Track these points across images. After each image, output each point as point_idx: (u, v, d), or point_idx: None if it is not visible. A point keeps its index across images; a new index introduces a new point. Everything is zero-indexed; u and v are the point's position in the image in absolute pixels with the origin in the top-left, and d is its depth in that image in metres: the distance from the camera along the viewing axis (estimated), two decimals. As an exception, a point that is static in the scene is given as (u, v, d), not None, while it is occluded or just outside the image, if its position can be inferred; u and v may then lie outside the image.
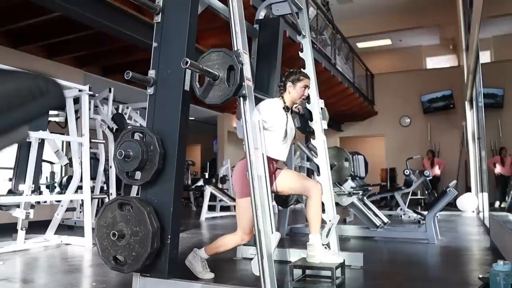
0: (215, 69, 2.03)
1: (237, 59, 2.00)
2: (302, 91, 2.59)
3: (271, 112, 2.47)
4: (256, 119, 2.07)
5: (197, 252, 2.61)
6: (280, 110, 2.53)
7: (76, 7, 4.07)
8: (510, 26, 4.31)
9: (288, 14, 3.12)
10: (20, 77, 0.53)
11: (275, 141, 2.47)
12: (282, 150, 2.52)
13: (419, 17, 12.47)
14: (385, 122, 12.59)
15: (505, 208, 4.67)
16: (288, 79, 2.59)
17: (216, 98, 2.06)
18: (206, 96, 2.08)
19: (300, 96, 2.59)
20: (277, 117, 2.48)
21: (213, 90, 2.06)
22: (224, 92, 2.03)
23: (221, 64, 2.03)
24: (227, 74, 2.02)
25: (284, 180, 2.54)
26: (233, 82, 2.00)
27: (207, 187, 7.29)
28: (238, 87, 1.99)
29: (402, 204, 6.46)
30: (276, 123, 2.47)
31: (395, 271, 3.12)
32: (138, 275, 2.18)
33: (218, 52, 2.06)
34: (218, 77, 2.03)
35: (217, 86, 2.05)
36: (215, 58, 2.06)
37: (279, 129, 2.48)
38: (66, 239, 4.17)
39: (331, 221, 2.79)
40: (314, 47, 6.47)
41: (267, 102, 2.53)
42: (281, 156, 2.53)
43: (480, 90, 5.42)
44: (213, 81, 2.04)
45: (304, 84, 2.59)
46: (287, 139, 2.54)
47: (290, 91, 2.58)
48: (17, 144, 3.55)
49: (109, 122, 5.62)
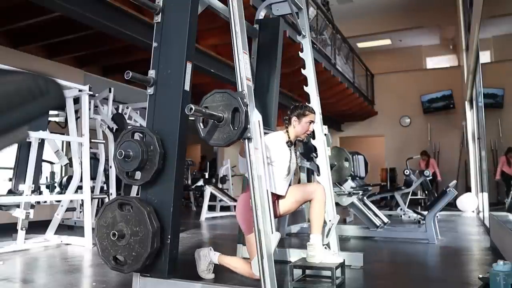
0: (219, 111, 1.98)
1: (242, 101, 1.95)
2: (307, 126, 2.56)
3: (275, 147, 2.44)
4: (256, 119, 2.07)
5: (210, 254, 2.58)
6: (283, 146, 2.51)
7: (76, 7, 4.07)
8: (510, 26, 4.30)
9: (288, 14, 3.12)
10: (20, 77, 0.53)
11: (277, 177, 2.46)
12: (283, 185, 2.51)
13: (419, 17, 12.48)
14: (385, 122, 12.59)
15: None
16: (294, 113, 2.56)
17: (220, 140, 2.01)
18: (210, 138, 2.04)
19: (305, 131, 2.57)
20: (280, 152, 2.46)
21: (217, 132, 2.02)
22: (229, 135, 1.98)
23: (226, 106, 1.99)
24: (232, 115, 1.97)
25: (285, 200, 2.54)
26: (237, 124, 1.96)
27: (207, 187, 7.29)
28: (243, 130, 1.95)
29: (402, 204, 6.46)
30: (279, 159, 2.45)
31: (395, 271, 3.12)
32: (138, 275, 2.18)
33: (222, 94, 2.01)
34: (223, 119, 1.98)
35: (221, 128, 2.00)
36: (219, 99, 2.01)
37: (282, 165, 2.46)
38: (66, 239, 4.17)
39: (331, 221, 2.79)
40: (314, 47, 6.47)
41: (271, 137, 2.50)
42: (282, 191, 2.51)
43: (480, 90, 5.42)
44: (218, 123, 2.00)
45: (309, 120, 2.56)
46: (289, 175, 2.53)
47: (295, 125, 2.55)
48: (17, 144, 3.55)
49: (109, 122, 5.62)
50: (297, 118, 2.55)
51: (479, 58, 5.51)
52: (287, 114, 2.61)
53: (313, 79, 3.00)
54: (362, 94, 11.25)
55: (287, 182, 2.55)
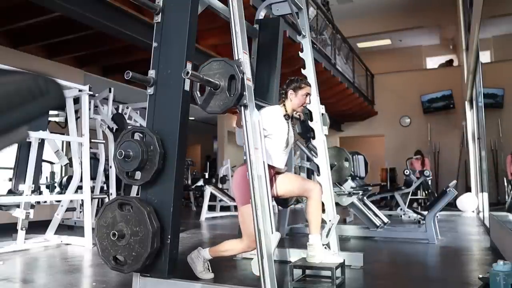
0: (216, 79, 2.02)
1: (238, 69, 1.98)
2: (304, 99, 2.58)
3: (272, 120, 2.46)
4: (256, 119, 2.07)
5: (200, 252, 2.59)
6: (281, 118, 2.52)
7: (76, 7, 4.07)
8: (510, 26, 4.30)
9: (288, 14, 3.12)
10: (20, 77, 0.53)
11: (276, 150, 2.47)
12: (282, 158, 2.53)
13: (419, 17, 12.48)
14: (385, 122, 12.59)
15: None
16: (290, 86, 2.58)
17: (216, 107, 2.04)
18: (207, 106, 2.07)
19: (301, 104, 2.59)
20: (278, 125, 2.48)
21: (214, 100, 2.05)
22: (225, 102, 2.01)
23: (222, 74, 2.02)
24: (228, 83, 2.01)
25: (283, 183, 2.55)
26: (234, 91, 1.99)
27: (207, 187, 7.29)
28: (239, 97, 1.98)
29: (402, 204, 6.46)
30: (277, 132, 2.46)
31: (395, 271, 3.12)
32: (138, 275, 2.18)
33: (219, 62, 2.04)
34: (219, 87, 2.02)
35: (218, 95, 2.03)
36: (216, 67, 2.04)
37: (280, 138, 2.47)
38: (66, 239, 4.17)
39: (331, 221, 2.79)
40: (314, 47, 6.47)
41: (268, 110, 2.52)
42: (280, 164, 2.53)
43: (480, 90, 5.42)
44: (214, 90, 2.03)
45: (305, 92, 2.58)
46: (288, 148, 2.55)
47: (291, 98, 2.57)
48: (17, 144, 3.55)
49: (109, 122, 5.62)
50: (294, 91, 2.57)
51: (479, 58, 5.52)
52: (282, 88, 2.63)
53: (313, 79, 3.00)
54: (362, 94, 11.25)
55: (286, 155, 2.56)
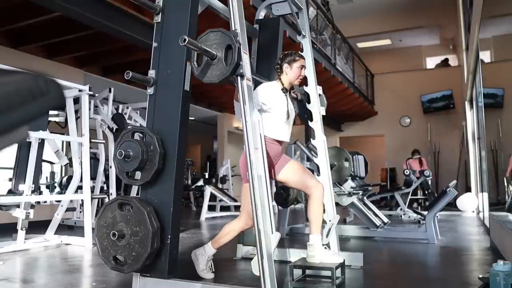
0: (213, 49, 2.05)
1: (234, 39, 2.01)
2: (299, 72, 2.61)
3: (270, 93, 2.50)
4: (256, 119, 2.07)
5: (205, 248, 2.58)
6: (278, 92, 2.56)
7: (76, 7, 4.07)
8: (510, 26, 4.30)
9: (288, 14, 3.11)
10: (20, 77, 0.53)
11: (277, 122, 2.49)
12: (285, 130, 2.54)
13: (419, 17, 12.48)
14: (385, 122, 12.59)
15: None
16: (284, 60, 2.61)
17: (213, 77, 2.08)
18: (204, 76, 2.10)
19: (297, 77, 2.61)
20: (276, 98, 2.51)
21: (210, 70, 2.08)
22: (222, 71, 2.04)
23: (219, 44, 2.05)
24: (225, 53, 2.04)
25: (286, 170, 2.54)
26: (230, 61, 2.02)
27: (207, 187, 7.29)
28: (235, 66, 2.01)
29: (402, 204, 6.46)
30: (276, 104, 2.49)
31: (395, 271, 3.12)
32: (138, 275, 2.18)
33: (216, 32, 2.07)
34: (216, 57, 2.05)
35: (214, 65, 2.06)
36: (213, 38, 2.07)
37: (280, 110, 2.50)
38: (66, 239, 4.17)
39: (331, 221, 2.79)
40: (314, 47, 6.47)
41: (264, 85, 2.56)
42: (284, 137, 2.54)
43: (480, 90, 5.42)
44: (211, 60, 2.06)
45: (300, 64, 2.61)
46: (290, 120, 2.56)
47: (287, 72, 2.60)
48: (17, 144, 3.55)
49: (109, 122, 5.62)
50: (288, 65, 2.59)
51: (479, 58, 5.51)
52: (277, 63, 2.65)
53: (313, 79, 3.00)
54: (362, 94, 11.25)
55: (289, 127, 2.58)
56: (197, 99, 9.25)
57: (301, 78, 2.65)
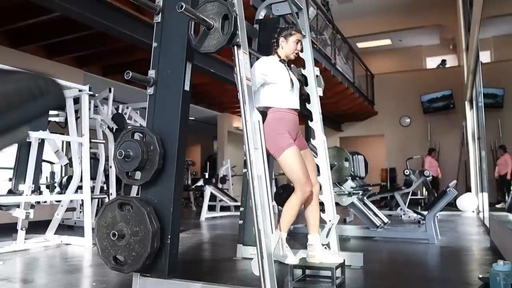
0: (210, 19, 2.06)
1: (231, 8, 2.03)
2: (295, 46, 2.62)
3: (269, 65, 2.52)
4: (256, 119, 2.07)
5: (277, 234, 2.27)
6: (277, 63, 2.58)
7: (76, 7, 4.07)
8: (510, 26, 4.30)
9: (288, 14, 3.12)
10: (20, 77, 0.53)
11: (283, 92, 2.51)
12: (293, 98, 2.56)
13: (419, 17, 12.48)
14: (385, 122, 12.59)
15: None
16: (281, 34, 2.63)
17: (210, 46, 2.08)
18: (201, 45, 2.11)
19: (293, 51, 2.63)
20: (276, 69, 2.53)
21: (207, 39, 2.09)
22: (219, 41, 2.05)
23: (216, 14, 2.06)
24: (222, 23, 2.05)
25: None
26: (227, 30, 2.03)
27: (207, 187, 7.29)
28: (232, 35, 2.02)
29: (402, 204, 6.46)
30: (278, 75, 2.51)
31: (395, 271, 3.12)
32: (138, 275, 2.18)
33: (212, 2, 2.08)
34: (213, 27, 2.06)
35: (211, 35, 2.07)
36: (210, 8, 2.08)
37: (283, 80, 2.51)
38: (66, 239, 4.17)
39: (331, 221, 2.79)
40: (314, 47, 6.47)
41: (262, 59, 2.58)
42: (294, 104, 2.55)
43: (480, 90, 5.42)
44: (208, 30, 2.07)
45: (296, 38, 2.62)
46: (295, 89, 2.57)
47: (283, 46, 2.62)
48: (17, 144, 3.55)
49: (109, 122, 5.62)
50: (285, 39, 2.61)
51: (479, 58, 5.52)
52: (274, 37, 2.66)
53: (313, 79, 3.00)
54: (362, 94, 11.25)
55: (296, 95, 2.59)
56: (197, 99, 9.25)
57: (297, 52, 2.67)
